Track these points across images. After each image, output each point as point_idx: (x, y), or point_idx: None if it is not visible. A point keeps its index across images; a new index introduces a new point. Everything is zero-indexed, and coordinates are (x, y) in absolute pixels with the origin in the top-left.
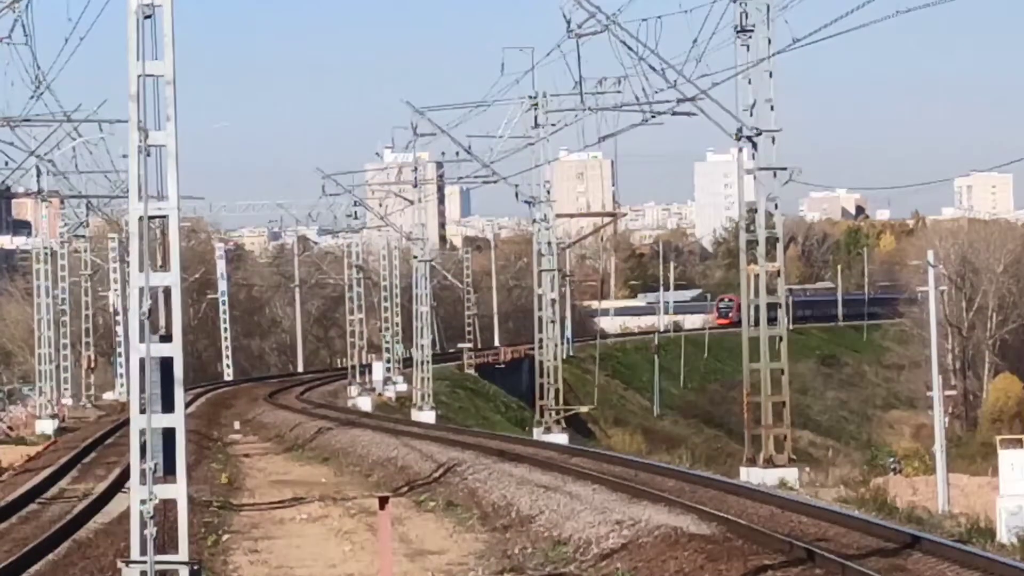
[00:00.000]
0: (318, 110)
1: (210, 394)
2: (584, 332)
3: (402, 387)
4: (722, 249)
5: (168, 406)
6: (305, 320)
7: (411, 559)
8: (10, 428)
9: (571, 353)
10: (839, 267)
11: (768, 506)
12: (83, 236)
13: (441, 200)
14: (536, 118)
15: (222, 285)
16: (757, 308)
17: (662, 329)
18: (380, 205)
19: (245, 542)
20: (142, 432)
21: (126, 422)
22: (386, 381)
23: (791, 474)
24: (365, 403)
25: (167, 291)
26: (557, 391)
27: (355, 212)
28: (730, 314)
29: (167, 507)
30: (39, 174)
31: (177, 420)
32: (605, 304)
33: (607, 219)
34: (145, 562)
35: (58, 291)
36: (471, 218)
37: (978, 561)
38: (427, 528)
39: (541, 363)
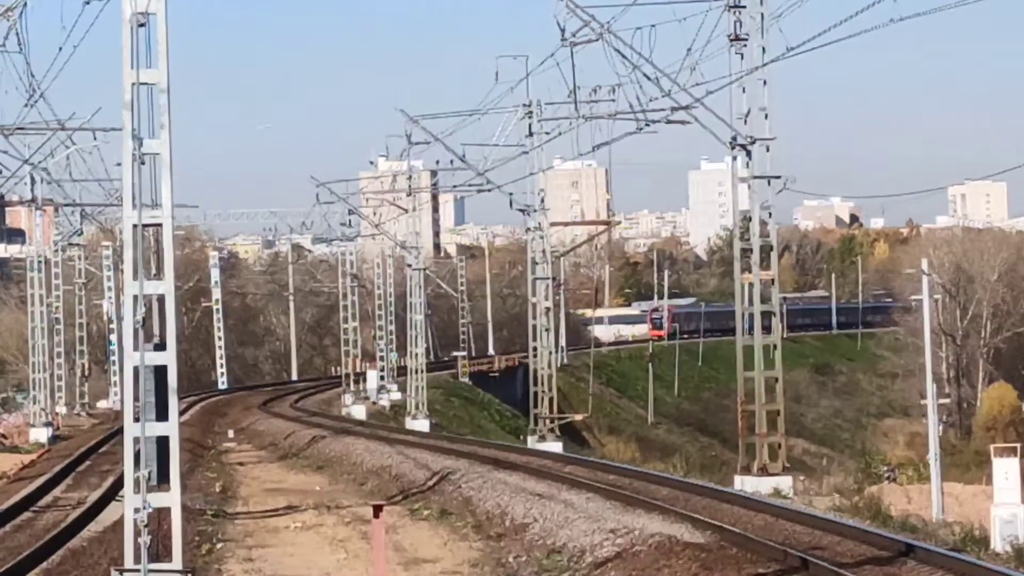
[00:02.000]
0: (312, 118)
1: (204, 402)
2: (578, 340)
3: (396, 395)
4: (716, 257)
5: (162, 414)
6: (299, 328)
7: (405, 567)
8: (4, 436)
9: (565, 361)
10: (833, 275)
11: (762, 514)
12: (77, 244)
13: (435, 208)
14: (530, 126)
15: (216, 293)
16: (751, 316)
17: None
18: (374, 213)
19: (239, 550)
20: (136, 440)
21: (120, 430)
22: (380, 389)
23: (785, 482)
24: (359, 411)
25: (161, 299)
26: (551, 399)
27: (349, 220)
28: (663, 325)
29: (161, 515)
30: (33, 182)
31: (171, 428)
32: (599, 312)
33: (601, 227)
34: (139, 570)
35: (52, 299)
36: (465, 226)
37: (972, 570)
38: (421, 536)
39: (535, 371)
